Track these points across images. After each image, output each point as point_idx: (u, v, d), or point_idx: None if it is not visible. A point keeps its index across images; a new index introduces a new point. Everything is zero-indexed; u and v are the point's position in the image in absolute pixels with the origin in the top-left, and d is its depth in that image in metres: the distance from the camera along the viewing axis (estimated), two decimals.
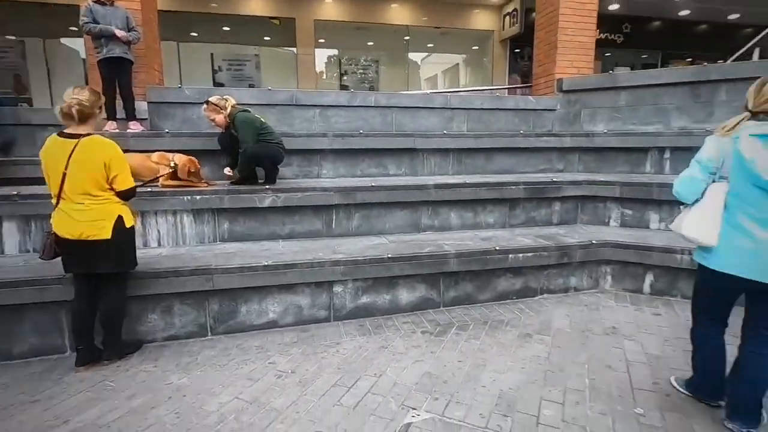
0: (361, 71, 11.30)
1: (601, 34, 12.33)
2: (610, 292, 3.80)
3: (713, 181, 1.98)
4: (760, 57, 5.56)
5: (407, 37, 11.65)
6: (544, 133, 5.29)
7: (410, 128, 5.27)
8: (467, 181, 4.21)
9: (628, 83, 5.24)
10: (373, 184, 3.98)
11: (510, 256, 3.54)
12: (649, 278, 3.72)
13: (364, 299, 3.34)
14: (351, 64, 11.34)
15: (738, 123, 1.92)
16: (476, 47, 12.43)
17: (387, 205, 4.00)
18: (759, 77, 1.94)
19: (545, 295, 3.74)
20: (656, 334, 2.99)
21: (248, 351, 2.82)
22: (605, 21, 12.22)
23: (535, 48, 6.30)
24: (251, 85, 10.07)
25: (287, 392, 2.33)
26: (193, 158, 3.81)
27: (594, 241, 3.77)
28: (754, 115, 1.90)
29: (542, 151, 5.05)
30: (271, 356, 2.74)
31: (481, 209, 4.25)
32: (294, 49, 10.91)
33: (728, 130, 1.92)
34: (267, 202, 3.69)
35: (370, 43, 11.69)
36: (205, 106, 3.81)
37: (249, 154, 3.69)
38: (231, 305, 3.08)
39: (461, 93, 7.32)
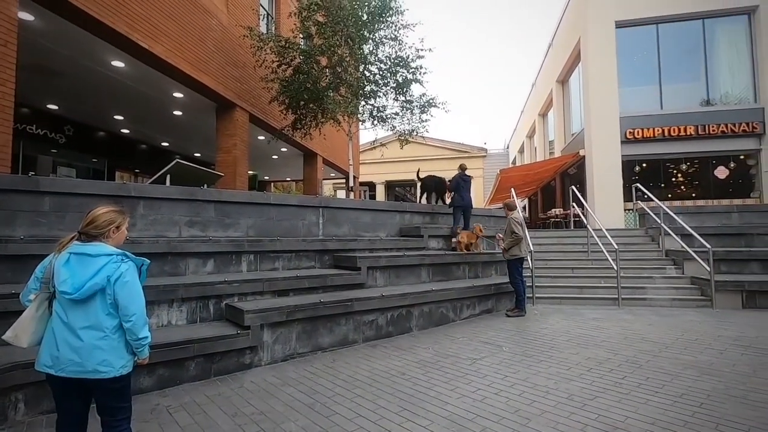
0: None
1: (41, 131, 11.61)
2: (23, 423, 3.31)
3: (49, 291, 2.12)
4: (171, 183, 7.09)
5: None
6: None
7: None
8: None
9: (54, 189, 5.12)
10: None
11: None
12: None
13: None
14: None
15: (69, 241, 2.17)
16: None
17: None
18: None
19: None
20: None
21: None
22: (45, 118, 11.66)
23: None
24: None
25: None
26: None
27: None
28: (80, 236, 2.20)
29: None
30: None
31: None
32: None
33: (62, 247, 2.16)
34: None
35: None
36: None
37: None
38: None
39: None
